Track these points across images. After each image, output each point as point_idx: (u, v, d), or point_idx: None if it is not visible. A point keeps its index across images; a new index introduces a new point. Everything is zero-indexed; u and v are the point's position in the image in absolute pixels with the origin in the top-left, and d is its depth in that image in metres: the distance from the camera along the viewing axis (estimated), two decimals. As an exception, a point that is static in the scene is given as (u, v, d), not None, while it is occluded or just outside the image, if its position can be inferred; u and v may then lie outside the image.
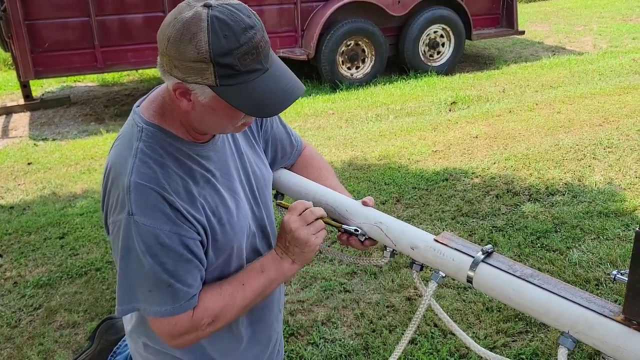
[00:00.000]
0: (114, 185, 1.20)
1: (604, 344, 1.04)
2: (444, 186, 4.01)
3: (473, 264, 1.22)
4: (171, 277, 1.19)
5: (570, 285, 1.14)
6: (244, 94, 1.11)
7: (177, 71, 1.11)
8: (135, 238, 1.16)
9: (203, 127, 1.23)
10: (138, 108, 1.29)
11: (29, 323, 2.89)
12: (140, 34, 6.60)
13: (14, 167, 5.20)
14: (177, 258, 1.20)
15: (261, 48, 1.11)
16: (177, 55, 1.09)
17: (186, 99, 1.15)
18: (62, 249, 3.55)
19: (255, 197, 1.42)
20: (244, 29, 1.09)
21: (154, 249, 1.17)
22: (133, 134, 1.23)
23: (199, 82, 1.10)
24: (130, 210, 1.16)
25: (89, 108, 7.38)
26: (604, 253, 3.07)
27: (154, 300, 1.20)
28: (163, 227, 1.17)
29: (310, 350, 2.56)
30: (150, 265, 1.17)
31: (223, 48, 1.07)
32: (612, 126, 4.88)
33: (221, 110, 1.16)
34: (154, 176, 1.19)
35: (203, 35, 1.07)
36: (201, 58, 1.07)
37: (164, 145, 1.23)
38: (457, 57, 7.95)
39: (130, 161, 1.19)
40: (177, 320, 1.22)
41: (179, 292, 1.21)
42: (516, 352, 2.45)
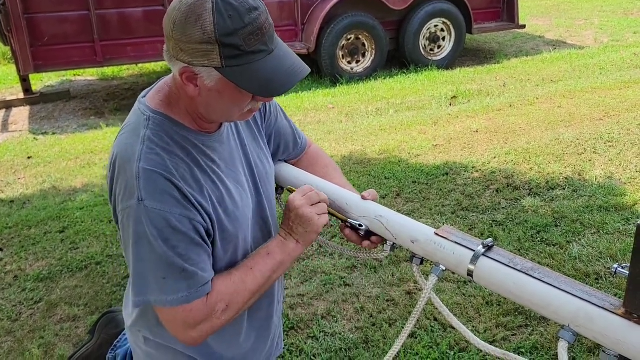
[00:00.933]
0: (121, 173, 1.20)
1: (604, 338, 1.03)
2: (444, 180, 4.00)
3: (474, 258, 1.22)
4: (184, 261, 1.19)
5: (571, 279, 1.14)
6: (250, 74, 1.12)
7: (183, 54, 1.12)
8: (145, 223, 1.16)
9: (210, 113, 1.23)
10: (144, 98, 1.29)
11: (30, 316, 2.90)
12: (140, 28, 6.59)
13: (14, 161, 5.19)
14: (189, 242, 1.19)
15: (265, 29, 1.12)
16: (183, 37, 1.10)
17: (193, 83, 1.16)
18: (63, 243, 3.56)
19: (258, 190, 1.42)
20: (249, 10, 1.10)
21: (165, 233, 1.17)
22: (140, 122, 1.24)
23: (205, 64, 1.11)
24: (139, 196, 1.16)
25: (88, 102, 7.37)
26: (604, 247, 3.07)
27: (169, 288, 1.19)
28: (173, 210, 1.17)
29: (310, 344, 2.56)
30: (163, 250, 1.17)
31: (228, 28, 1.08)
32: (612, 120, 4.87)
33: (228, 94, 1.17)
34: (162, 162, 1.19)
35: (208, 16, 1.07)
36: (207, 39, 1.08)
37: (171, 134, 1.23)
38: (457, 51, 7.93)
39: (138, 148, 1.19)
40: (192, 307, 1.21)
41: (193, 276, 1.20)
42: (516, 346, 2.45)
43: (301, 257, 3.21)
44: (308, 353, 2.51)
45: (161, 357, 1.44)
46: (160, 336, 1.41)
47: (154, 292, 1.20)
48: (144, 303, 1.22)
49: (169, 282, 1.19)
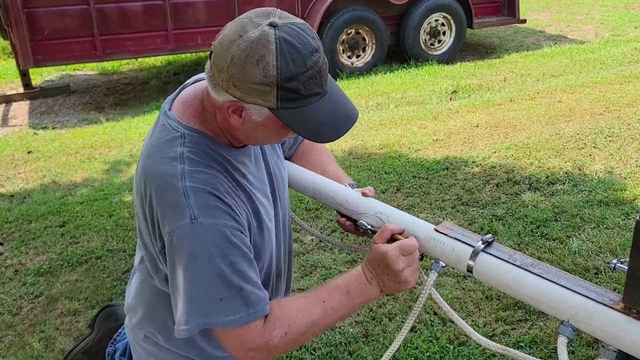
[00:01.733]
0: (162, 193, 1.15)
1: (603, 333, 1.04)
2: (445, 175, 4.00)
3: (473, 254, 1.22)
4: (241, 279, 1.14)
5: (570, 274, 1.14)
6: (303, 117, 1.09)
7: (235, 90, 1.08)
8: (202, 242, 1.11)
9: (248, 140, 1.21)
10: (171, 113, 1.24)
11: (30, 310, 2.91)
12: (139, 22, 6.57)
13: (14, 155, 5.19)
14: (244, 256, 1.16)
15: (323, 71, 1.10)
16: (240, 75, 1.05)
17: (237, 115, 1.13)
18: (63, 237, 3.56)
19: (275, 198, 1.40)
20: (311, 53, 1.06)
21: (223, 248, 1.12)
22: (173, 139, 1.19)
23: (259, 103, 1.08)
24: (192, 214, 1.11)
25: (88, 97, 7.36)
26: (603, 242, 3.07)
27: (226, 309, 1.13)
28: (228, 223, 1.14)
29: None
30: (221, 269, 1.12)
31: (291, 72, 1.04)
32: (613, 115, 4.87)
33: (273, 129, 1.14)
34: (206, 179, 1.16)
35: (271, 59, 1.03)
36: (267, 82, 1.04)
37: (207, 151, 1.20)
38: (458, 45, 7.91)
39: (179, 167, 1.15)
40: (247, 330, 1.15)
41: (250, 296, 1.15)
42: (515, 340, 2.46)
43: (301, 251, 3.21)
44: (308, 347, 2.52)
45: (161, 356, 1.44)
46: (165, 338, 1.41)
47: (210, 315, 1.14)
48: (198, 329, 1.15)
49: (226, 302, 1.13)
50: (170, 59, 8.54)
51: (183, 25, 6.71)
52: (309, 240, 3.32)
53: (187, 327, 1.14)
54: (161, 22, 6.63)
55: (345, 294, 1.23)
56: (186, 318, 1.14)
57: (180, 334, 1.15)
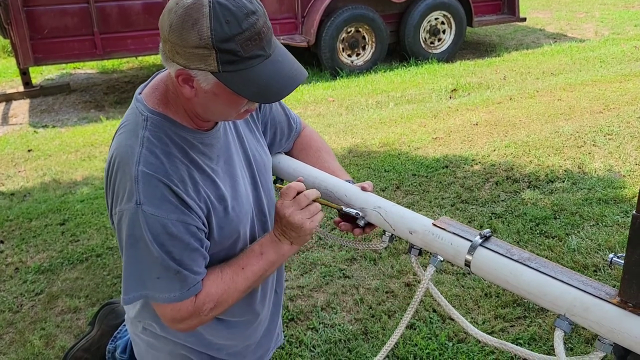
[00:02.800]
0: (119, 174, 1.20)
1: (599, 326, 1.05)
2: (444, 173, 4.01)
3: (471, 248, 1.23)
4: (178, 264, 1.20)
5: (567, 269, 1.15)
6: (246, 80, 1.11)
7: (179, 57, 1.11)
8: (143, 227, 1.17)
9: (206, 113, 1.23)
10: (140, 96, 1.28)
11: (31, 308, 2.91)
12: (139, 21, 6.57)
13: (14, 154, 5.20)
14: (184, 247, 1.21)
15: (263, 34, 1.11)
16: (179, 41, 1.09)
17: (189, 85, 1.15)
18: (63, 235, 3.57)
19: (256, 182, 1.42)
20: (246, 15, 1.08)
21: (161, 238, 1.18)
22: (138, 122, 1.23)
23: (202, 68, 1.10)
24: (138, 199, 1.16)
25: (88, 95, 7.36)
26: (602, 239, 3.08)
27: (163, 287, 1.21)
28: (170, 216, 1.18)
29: (309, 335, 2.58)
30: (158, 254, 1.18)
31: (225, 34, 1.06)
32: (612, 113, 4.87)
33: (224, 96, 1.16)
34: (161, 166, 1.19)
35: (205, 21, 1.06)
36: (203, 44, 1.07)
37: (169, 134, 1.23)
38: (457, 44, 7.91)
39: (137, 150, 1.19)
40: (180, 306, 1.24)
41: (186, 279, 1.22)
42: (514, 337, 2.47)
43: (301, 249, 3.22)
44: (307, 344, 2.53)
45: (160, 346, 1.45)
46: (163, 327, 1.43)
47: (148, 288, 1.22)
48: (137, 299, 1.24)
49: (162, 281, 1.21)
50: (170, 57, 8.53)
51: (183, 23, 6.70)
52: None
53: (127, 297, 1.23)
54: (161, 21, 6.63)
55: (259, 255, 1.32)
56: (126, 289, 1.24)
57: (123, 302, 1.25)
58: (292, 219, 1.27)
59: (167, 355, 1.46)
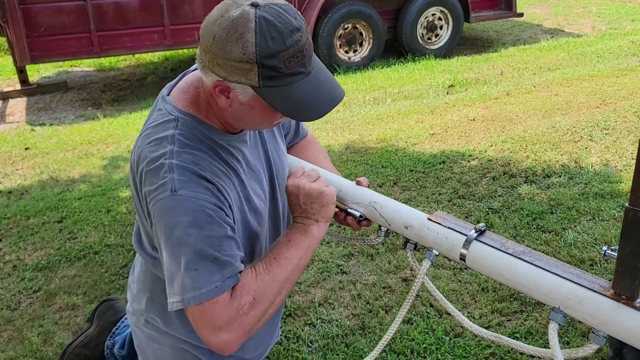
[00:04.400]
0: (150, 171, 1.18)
1: (593, 319, 1.05)
2: (441, 169, 4.02)
3: (466, 242, 1.24)
4: (217, 250, 1.15)
5: (561, 262, 1.16)
6: (286, 96, 1.11)
7: (219, 69, 1.10)
8: (179, 212, 1.14)
9: (238, 123, 1.23)
10: (169, 97, 1.27)
11: (29, 305, 2.92)
12: (136, 18, 6.57)
13: (12, 152, 5.20)
14: (223, 232, 1.17)
15: (306, 51, 1.11)
16: (221, 53, 1.08)
17: (225, 96, 1.15)
18: (61, 233, 3.57)
19: (274, 185, 1.43)
20: (291, 31, 1.08)
21: (200, 220, 1.14)
22: (167, 122, 1.22)
23: (242, 81, 1.10)
24: (173, 187, 1.14)
25: (85, 93, 7.36)
26: (599, 234, 3.08)
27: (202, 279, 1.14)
28: (209, 199, 1.16)
29: (307, 331, 2.58)
30: (195, 239, 1.13)
31: (269, 50, 1.06)
32: (609, 108, 4.88)
33: (259, 109, 1.16)
34: (193, 159, 1.18)
35: (250, 36, 1.06)
36: (247, 59, 1.06)
37: (199, 135, 1.22)
38: (455, 40, 7.91)
39: (168, 148, 1.18)
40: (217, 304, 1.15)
41: (226, 265, 1.16)
42: (511, 331, 2.48)
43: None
44: (305, 339, 2.53)
45: (162, 340, 1.46)
46: (165, 323, 1.43)
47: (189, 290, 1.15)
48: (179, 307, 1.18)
49: (201, 273, 1.14)
50: (167, 54, 8.54)
51: (180, 20, 6.70)
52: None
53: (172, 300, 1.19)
54: (158, 18, 6.63)
55: (288, 243, 1.29)
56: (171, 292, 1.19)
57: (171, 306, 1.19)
58: (309, 187, 1.28)
59: (169, 348, 1.48)
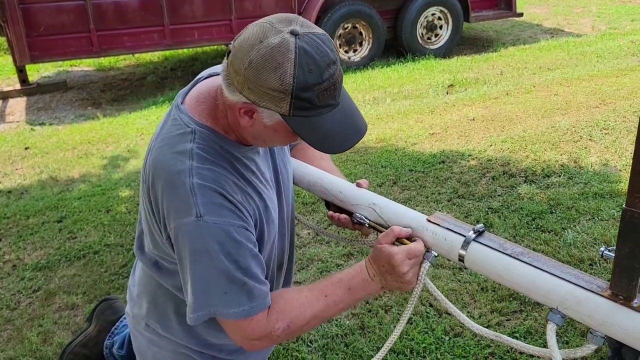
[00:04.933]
0: (170, 188, 1.17)
1: (591, 319, 1.06)
2: (441, 168, 4.02)
3: (465, 243, 1.24)
4: (244, 274, 1.18)
5: (559, 262, 1.16)
6: (314, 127, 1.10)
7: (249, 92, 1.09)
8: (207, 239, 1.14)
9: (255, 141, 1.23)
10: (184, 107, 1.25)
11: (29, 305, 2.92)
12: (136, 18, 6.56)
13: (12, 151, 5.20)
14: (248, 253, 1.19)
15: (338, 84, 1.11)
16: (255, 79, 1.06)
17: (248, 116, 1.14)
18: (60, 233, 3.57)
19: (280, 193, 1.43)
20: (328, 65, 1.07)
21: (227, 246, 1.15)
22: (184, 135, 1.21)
23: (271, 108, 1.09)
24: (198, 212, 1.14)
25: (85, 93, 7.36)
26: (598, 233, 3.09)
27: (231, 302, 1.18)
28: (233, 222, 1.16)
29: (307, 331, 2.59)
30: (225, 265, 1.15)
31: (306, 83, 1.05)
32: (608, 108, 4.88)
33: (282, 134, 1.16)
34: (213, 177, 1.17)
35: (289, 67, 1.04)
36: (282, 89, 1.05)
37: (216, 148, 1.21)
38: (455, 39, 7.91)
39: (187, 163, 1.17)
40: (251, 323, 1.20)
41: (254, 290, 1.19)
42: (510, 331, 2.48)
43: (298, 245, 3.23)
44: (305, 339, 2.54)
45: (163, 344, 1.46)
46: (165, 329, 1.43)
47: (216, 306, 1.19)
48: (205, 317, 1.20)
49: (230, 296, 1.17)
50: (167, 54, 8.54)
51: (180, 20, 6.70)
52: (305, 234, 3.34)
53: (194, 315, 1.20)
54: (158, 18, 6.63)
55: (347, 289, 1.27)
56: (194, 308, 1.20)
57: (190, 321, 1.21)
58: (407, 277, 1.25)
59: (170, 353, 1.47)
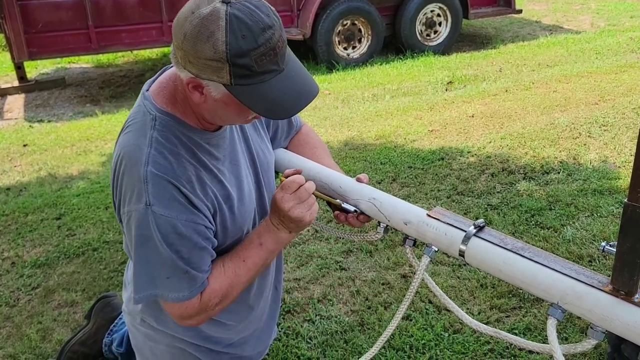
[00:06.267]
0: (127, 174, 1.20)
1: (592, 314, 1.06)
2: (440, 165, 4.01)
3: (465, 238, 1.24)
4: (186, 264, 1.22)
5: (560, 258, 1.16)
6: (258, 94, 1.10)
7: (191, 66, 1.10)
8: (152, 227, 1.17)
9: (214, 119, 1.23)
10: (148, 93, 1.28)
11: (28, 302, 2.92)
12: (134, 15, 6.55)
13: (10, 148, 5.19)
14: (192, 246, 1.22)
15: (278, 48, 1.10)
16: (192, 51, 1.07)
17: (198, 92, 1.15)
18: (59, 230, 3.56)
19: (259, 181, 1.43)
20: (263, 29, 1.06)
21: (170, 238, 1.19)
22: (146, 122, 1.23)
23: (213, 79, 1.09)
24: (147, 201, 1.16)
25: (84, 89, 7.34)
26: (597, 230, 3.09)
27: (172, 287, 1.23)
28: (180, 216, 1.19)
29: (306, 327, 2.59)
30: (168, 254, 1.19)
31: (240, 49, 1.05)
32: (608, 104, 4.88)
33: (233, 106, 1.16)
34: (169, 167, 1.19)
35: (221, 35, 1.04)
36: (217, 57, 1.05)
37: (177, 135, 1.22)
38: (454, 36, 7.91)
39: (145, 151, 1.18)
40: (187, 305, 1.26)
41: (196, 278, 1.24)
42: (509, 327, 2.48)
43: (297, 242, 3.22)
44: (304, 336, 2.54)
45: (158, 338, 1.47)
46: (158, 322, 1.44)
47: (158, 288, 1.24)
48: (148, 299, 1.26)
49: (172, 280, 1.22)
50: (165, 51, 8.52)
51: (178, 17, 6.68)
52: (304, 231, 3.33)
53: (137, 296, 1.25)
54: (156, 14, 6.61)
55: (258, 246, 1.32)
56: (137, 289, 1.25)
57: (134, 301, 1.26)
58: (292, 213, 1.27)
59: (165, 347, 1.48)
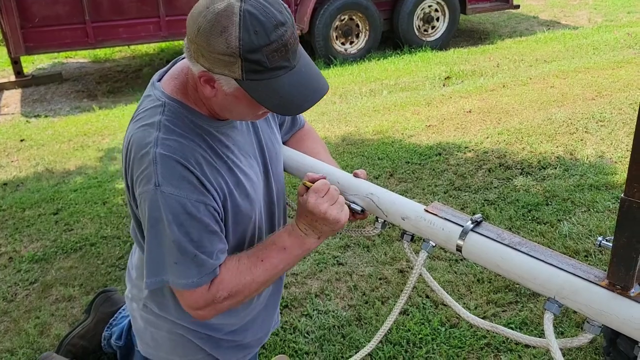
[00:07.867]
0: (137, 159, 1.21)
1: (588, 309, 1.06)
2: (437, 160, 4.02)
3: (462, 233, 1.24)
4: (196, 247, 1.21)
5: (557, 252, 1.17)
6: (269, 90, 1.11)
7: (203, 60, 1.11)
8: (162, 208, 1.17)
9: (224, 112, 1.24)
10: (159, 83, 1.29)
11: (25, 297, 2.92)
12: (131, 9, 6.53)
13: (7, 143, 5.18)
14: (203, 228, 1.21)
15: (290, 45, 1.11)
16: (205, 45, 1.09)
17: (210, 85, 1.16)
18: (57, 225, 3.56)
19: (267, 171, 1.44)
20: (275, 26, 1.08)
21: (180, 218, 1.18)
22: (155, 108, 1.24)
23: (225, 74, 1.11)
24: (156, 181, 1.17)
25: (81, 84, 7.32)
26: (594, 225, 3.10)
27: (181, 273, 1.22)
28: (190, 196, 1.18)
29: (303, 322, 2.59)
30: (176, 236, 1.19)
31: (253, 44, 1.07)
32: (605, 100, 4.89)
33: (244, 101, 1.17)
34: (178, 148, 1.20)
35: (234, 30, 1.06)
36: (230, 52, 1.07)
37: (186, 122, 1.24)
38: (451, 31, 7.90)
39: (154, 135, 1.20)
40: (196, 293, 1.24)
41: (205, 263, 1.22)
42: (506, 322, 2.49)
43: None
44: (302, 330, 2.55)
45: (160, 324, 1.48)
46: (160, 308, 1.45)
47: (167, 274, 1.23)
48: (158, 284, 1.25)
49: (180, 266, 1.21)
50: (162, 46, 8.51)
51: (175, 12, 6.67)
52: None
53: (148, 280, 1.25)
54: (153, 9, 6.60)
55: (281, 249, 1.31)
56: (147, 273, 1.25)
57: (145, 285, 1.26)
58: (329, 215, 1.27)
59: (166, 333, 1.49)
